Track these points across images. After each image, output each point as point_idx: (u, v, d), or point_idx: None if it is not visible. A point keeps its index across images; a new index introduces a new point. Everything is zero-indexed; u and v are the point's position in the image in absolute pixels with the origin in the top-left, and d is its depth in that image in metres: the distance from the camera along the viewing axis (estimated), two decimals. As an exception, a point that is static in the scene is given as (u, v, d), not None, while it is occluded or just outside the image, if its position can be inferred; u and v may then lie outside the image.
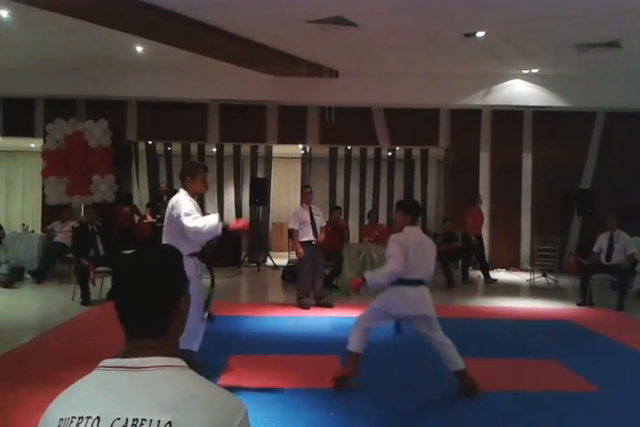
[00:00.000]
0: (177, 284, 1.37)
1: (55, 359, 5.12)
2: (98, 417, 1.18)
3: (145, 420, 1.16)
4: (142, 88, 11.14)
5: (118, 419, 1.17)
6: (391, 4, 7.57)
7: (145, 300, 1.31)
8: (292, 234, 8.38)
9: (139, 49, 9.54)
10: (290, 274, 9.69)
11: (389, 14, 7.93)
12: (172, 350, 1.32)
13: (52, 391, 1.36)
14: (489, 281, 10.49)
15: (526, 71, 11.07)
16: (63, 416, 1.21)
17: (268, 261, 12.08)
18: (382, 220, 11.83)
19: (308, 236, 7.85)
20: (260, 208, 12.40)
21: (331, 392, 4.42)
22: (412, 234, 4.50)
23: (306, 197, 8.21)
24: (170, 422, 1.16)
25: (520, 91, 11.50)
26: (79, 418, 1.19)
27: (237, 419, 1.23)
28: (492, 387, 4.66)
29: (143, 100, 11.73)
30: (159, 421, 1.16)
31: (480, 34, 8.57)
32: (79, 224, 8.67)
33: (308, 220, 7.87)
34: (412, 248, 4.37)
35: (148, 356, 1.27)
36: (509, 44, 9.06)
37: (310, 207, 8.01)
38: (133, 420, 1.17)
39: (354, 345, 4.55)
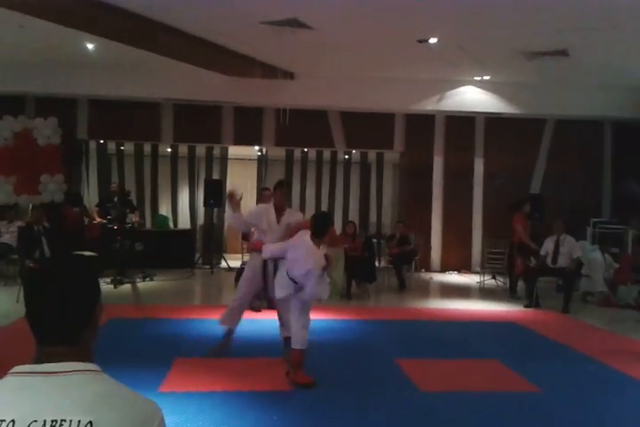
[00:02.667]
0: (91, 293, 1.37)
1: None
2: (12, 420, 1.15)
3: (65, 420, 1.15)
4: (94, 86, 10.93)
5: (35, 421, 1.15)
6: (346, 8, 7.61)
7: (59, 309, 1.30)
8: (246, 236, 8.31)
9: (89, 46, 9.36)
10: (243, 276, 9.61)
11: (344, 18, 7.97)
12: (86, 356, 1.32)
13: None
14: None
15: (478, 78, 11.29)
16: None
17: (223, 264, 11.99)
18: (337, 222, 11.86)
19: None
20: (215, 210, 12.30)
21: (275, 395, 4.41)
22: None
23: (265, 199, 8.13)
24: (91, 422, 1.15)
25: (472, 97, 11.72)
26: None
27: (156, 420, 1.24)
28: (437, 387, 4.73)
29: (95, 98, 11.51)
30: (79, 421, 1.15)
31: (433, 40, 8.70)
32: (25, 224, 8.44)
33: None
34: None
35: (63, 362, 1.26)
36: (461, 51, 9.22)
37: None
38: (52, 421, 1.15)
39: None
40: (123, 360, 4.74)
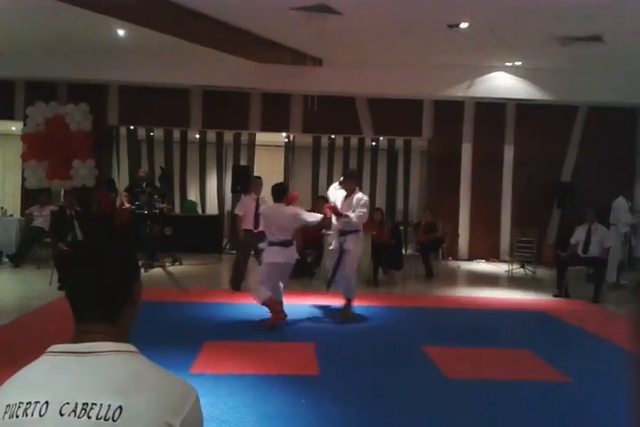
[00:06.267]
0: (131, 271, 1.39)
1: (30, 343, 5.07)
2: (46, 402, 1.16)
3: (95, 404, 1.15)
4: (124, 72, 11.01)
5: (67, 403, 1.16)
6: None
7: (99, 286, 1.32)
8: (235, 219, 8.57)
9: (120, 32, 9.41)
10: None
11: (373, 3, 7.89)
12: (122, 335, 1.32)
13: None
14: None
15: (509, 64, 11.10)
16: (10, 402, 1.19)
17: (250, 249, 12.05)
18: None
19: (248, 224, 8.06)
20: (242, 196, 12.33)
21: (303, 379, 4.44)
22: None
23: (256, 187, 8.28)
24: (120, 407, 1.15)
25: (503, 83, 11.54)
26: (27, 404, 1.17)
27: (188, 403, 1.23)
28: (464, 375, 4.71)
29: (125, 84, 11.60)
30: (109, 405, 1.15)
31: (464, 25, 8.57)
32: (57, 208, 8.60)
33: (252, 211, 8.02)
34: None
35: (98, 341, 1.27)
36: (493, 36, 9.06)
37: (257, 198, 8.09)
38: (83, 404, 1.16)
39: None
40: (153, 343, 4.78)
